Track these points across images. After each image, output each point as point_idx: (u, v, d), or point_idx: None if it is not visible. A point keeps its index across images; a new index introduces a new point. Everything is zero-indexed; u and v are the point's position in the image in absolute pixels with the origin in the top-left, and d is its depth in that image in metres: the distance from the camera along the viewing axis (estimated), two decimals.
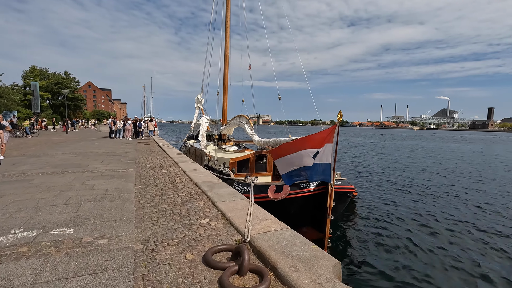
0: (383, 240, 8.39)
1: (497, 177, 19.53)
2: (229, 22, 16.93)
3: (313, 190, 7.91)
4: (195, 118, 23.28)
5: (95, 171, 8.00)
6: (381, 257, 7.37)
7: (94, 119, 61.49)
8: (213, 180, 6.72)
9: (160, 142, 18.69)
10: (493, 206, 12.17)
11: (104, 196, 5.40)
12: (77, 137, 23.37)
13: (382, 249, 7.79)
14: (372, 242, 8.27)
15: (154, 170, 8.36)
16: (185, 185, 6.33)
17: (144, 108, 73.96)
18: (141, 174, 7.75)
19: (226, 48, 17.02)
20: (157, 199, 5.26)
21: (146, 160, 10.51)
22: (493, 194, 14.47)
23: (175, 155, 11.58)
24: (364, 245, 8.08)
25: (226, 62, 17.06)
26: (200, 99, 21.98)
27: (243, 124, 14.22)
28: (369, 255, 7.44)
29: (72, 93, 55.66)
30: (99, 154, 12.16)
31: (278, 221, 3.98)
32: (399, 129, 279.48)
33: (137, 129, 23.11)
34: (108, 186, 6.25)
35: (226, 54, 17.05)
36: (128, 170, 8.36)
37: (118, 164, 9.38)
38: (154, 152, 13.42)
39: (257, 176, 12.05)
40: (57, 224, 3.90)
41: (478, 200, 13.08)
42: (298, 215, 8.17)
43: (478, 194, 14.37)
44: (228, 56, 17.07)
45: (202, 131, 17.90)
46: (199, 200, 5.18)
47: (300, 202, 7.92)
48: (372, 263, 6.95)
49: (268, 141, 11.62)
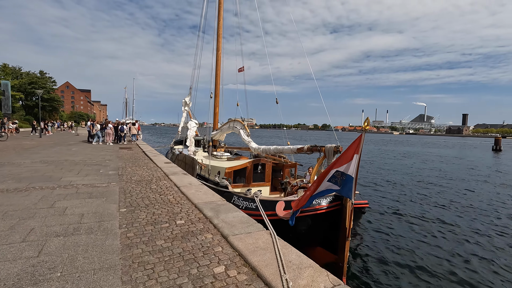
0: (404, 259, 7.52)
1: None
2: (221, 22, 15.88)
3: (327, 206, 6.95)
4: (182, 122, 21.94)
5: (69, 187, 6.65)
6: (408, 281, 6.49)
7: (72, 121, 58.27)
8: (215, 200, 5.59)
9: (144, 148, 17.22)
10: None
11: (78, 226, 4.16)
12: (51, 141, 21.37)
13: (408, 273, 6.90)
14: (393, 263, 7.38)
15: (141, 184, 7.11)
16: (183, 208, 5.16)
17: (126, 110, 71.22)
18: (125, 190, 6.49)
19: (218, 48, 15.93)
20: (149, 229, 4.08)
21: (131, 170, 9.19)
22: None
23: (164, 165, 10.30)
24: (385, 268, 7.17)
25: (218, 64, 15.96)
26: (187, 102, 20.72)
27: (237, 129, 13.14)
28: (394, 280, 6.54)
29: (47, 93, 52.43)
30: (75, 163, 10.67)
31: (321, 269, 2.94)
32: (380, 133, 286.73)
33: (119, 133, 21.45)
34: (84, 209, 4.98)
35: (218, 55, 15.95)
36: (109, 184, 7.06)
37: (98, 177, 8.03)
38: (139, 160, 12.05)
39: (254, 187, 11.00)
40: (5, 283, 2.67)
41: (501, 210, 12.63)
42: (307, 235, 7.17)
43: (498, 203, 13.98)
44: (220, 58, 15.99)
45: (190, 136, 16.71)
46: (205, 231, 4.04)
47: (312, 221, 6.93)
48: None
49: (267, 149, 10.59)
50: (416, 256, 7.87)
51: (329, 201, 7.09)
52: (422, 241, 9.02)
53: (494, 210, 13.00)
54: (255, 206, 7.59)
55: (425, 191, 16.84)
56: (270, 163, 11.26)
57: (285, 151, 9.62)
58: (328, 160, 7.55)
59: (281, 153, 10.10)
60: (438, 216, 11.70)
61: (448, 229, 10.19)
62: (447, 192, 16.73)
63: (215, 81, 16.16)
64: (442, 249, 8.42)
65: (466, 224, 10.87)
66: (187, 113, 22.13)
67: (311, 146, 8.33)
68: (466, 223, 10.94)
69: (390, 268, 7.20)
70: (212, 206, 5.12)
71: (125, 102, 72.03)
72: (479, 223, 10.98)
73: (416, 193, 16.03)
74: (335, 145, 7.42)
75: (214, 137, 15.73)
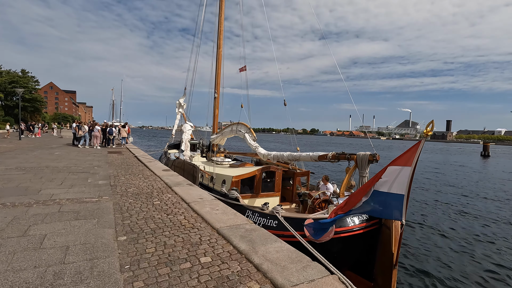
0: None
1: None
2: (223, 18, 14.75)
3: (365, 226, 5.87)
4: (176, 125, 20.59)
5: (50, 203, 5.31)
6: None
7: (56, 122, 55.51)
8: (241, 222, 4.40)
9: (136, 152, 15.78)
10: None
11: (61, 269, 2.89)
12: (32, 144, 19.56)
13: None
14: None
15: (140, 198, 5.83)
16: (202, 235, 3.95)
17: (113, 112, 68.76)
18: (122, 207, 5.22)
19: (219, 45, 14.78)
20: (165, 274, 2.86)
21: (125, 180, 7.86)
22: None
23: (163, 173, 9.00)
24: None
25: (218, 62, 14.80)
26: (182, 104, 19.45)
27: (242, 133, 11.98)
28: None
29: (29, 93, 49.77)
30: (58, 170, 9.23)
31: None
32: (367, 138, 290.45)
33: (107, 136, 19.86)
34: (70, 238, 3.71)
35: (219, 53, 14.79)
36: (101, 199, 5.75)
37: (86, 188, 6.69)
38: (132, 166, 10.68)
39: (263, 198, 9.85)
40: None
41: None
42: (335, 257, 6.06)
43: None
44: (221, 55, 14.84)
45: (185, 140, 15.47)
46: (246, 277, 2.85)
47: (346, 243, 5.83)
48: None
49: (280, 156, 9.46)
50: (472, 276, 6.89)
51: (364, 219, 6.02)
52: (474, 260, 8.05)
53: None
54: (275, 225, 6.43)
55: (453, 200, 15.95)
56: (280, 171, 10.15)
57: (302, 159, 8.52)
58: (361, 170, 6.49)
59: (297, 160, 9.00)
60: (486, 232, 10.75)
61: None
62: (478, 203, 15.81)
63: (216, 80, 14.97)
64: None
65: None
66: (181, 115, 20.86)
67: (337, 154, 7.26)
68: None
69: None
70: (240, 232, 3.93)
71: (112, 104, 69.59)
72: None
73: (445, 204, 15.08)
74: (371, 153, 6.38)
75: (213, 141, 14.48)
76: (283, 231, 6.16)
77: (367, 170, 6.43)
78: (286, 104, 12.39)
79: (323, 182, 9.93)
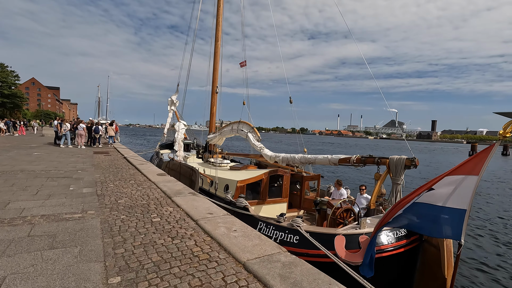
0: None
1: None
2: (222, 6, 13.63)
3: (405, 243, 4.98)
4: (168, 123, 19.34)
5: (18, 222, 4.15)
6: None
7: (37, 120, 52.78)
8: (271, 250, 3.38)
9: (125, 153, 14.48)
10: None
11: None
12: (9, 143, 17.89)
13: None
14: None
15: (135, 214, 4.73)
16: (224, 273, 2.92)
17: (99, 110, 66.30)
18: (112, 226, 4.12)
19: (218, 38, 13.67)
20: None
21: (114, 187, 6.70)
22: None
23: (158, 178, 7.87)
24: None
25: (217, 55, 13.70)
26: (174, 101, 18.24)
27: (244, 133, 10.94)
28: None
29: (8, 88, 47.06)
30: (35, 174, 7.96)
31: None
32: (356, 138, 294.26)
33: (93, 134, 18.41)
34: (39, 280, 2.61)
35: (217, 46, 13.68)
36: (85, 214, 4.62)
37: (67, 199, 5.52)
38: (122, 169, 9.48)
39: (270, 204, 8.87)
40: None
41: None
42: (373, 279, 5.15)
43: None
44: (220, 48, 13.73)
45: (178, 139, 14.32)
46: None
47: (385, 263, 4.91)
48: None
49: (291, 158, 8.50)
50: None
51: (403, 235, 5.13)
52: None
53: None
54: (297, 241, 5.46)
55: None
56: (288, 175, 9.19)
57: (318, 162, 7.58)
58: (395, 177, 5.60)
59: (311, 163, 8.03)
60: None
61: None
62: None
63: (213, 75, 13.86)
64: None
65: None
66: (174, 113, 19.64)
67: (363, 157, 6.34)
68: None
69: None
70: (277, 269, 2.91)
71: (98, 101, 67.05)
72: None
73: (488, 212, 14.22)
74: (408, 157, 5.48)
75: (211, 141, 13.38)
76: (307, 249, 5.20)
77: (402, 177, 5.54)
78: (292, 102, 11.42)
79: (336, 187, 9.04)
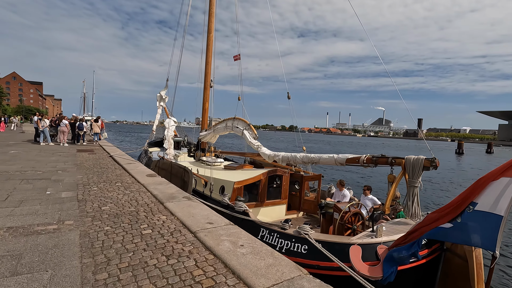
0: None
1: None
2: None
3: (427, 253, 4.49)
4: (157, 120, 18.48)
5: None
6: None
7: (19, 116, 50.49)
8: (289, 271, 2.78)
9: (111, 151, 13.60)
10: None
11: None
12: None
13: None
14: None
15: (122, 224, 4.06)
16: None
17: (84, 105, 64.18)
18: (93, 241, 3.44)
19: (210, 30, 12.93)
20: None
21: (98, 190, 5.97)
22: None
23: (147, 180, 7.15)
24: None
25: (209, 46, 12.96)
26: (163, 97, 17.41)
27: (239, 130, 10.30)
28: None
29: None
30: (8, 175, 7.11)
31: None
32: (344, 135, 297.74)
33: (77, 131, 17.36)
34: None
35: (210, 38, 12.95)
36: (61, 226, 3.91)
37: (42, 206, 4.78)
38: (107, 169, 8.70)
39: (268, 206, 8.31)
40: None
41: None
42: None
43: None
44: (213, 40, 13.00)
45: (168, 137, 13.59)
46: None
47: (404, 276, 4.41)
48: None
49: (291, 158, 7.93)
50: None
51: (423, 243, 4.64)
52: None
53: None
54: (305, 251, 4.91)
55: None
56: (287, 175, 8.64)
57: (323, 162, 7.03)
58: (411, 179, 5.10)
59: (315, 163, 7.46)
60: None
61: None
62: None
63: (205, 70, 13.12)
64: None
65: None
66: (163, 110, 18.79)
67: (375, 157, 5.83)
68: None
69: None
70: None
71: (83, 97, 64.85)
72: None
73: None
74: (426, 158, 4.98)
75: (203, 139, 12.67)
76: (317, 261, 4.66)
77: (420, 179, 5.05)
78: (290, 97, 10.84)
79: (338, 187, 8.55)
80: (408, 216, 5.06)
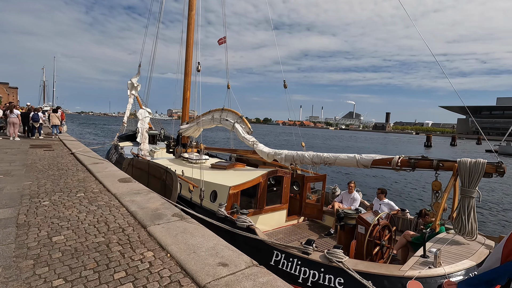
0: None
1: None
2: None
3: None
4: (128, 111, 16.41)
5: None
6: None
7: None
8: None
9: (73, 147, 11.54)
10: None
11: None
12: None
13: None
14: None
15: (83, 273, 2.59)
16: None
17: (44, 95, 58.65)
18: None
19: (192, 8, 11.19)
20: None
21: (50, 206, 4.33)
22: None
23: (121, 188, 5.55)
24: None
25: (190, 25, 11.26)
26: (135, 84, 15.44)
27: (230, 123, 8.85)
28: None
29: None
30: None
31: None
32: (317, 128, 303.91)
33: (31, 123, 14.87)
34: None
35: (191, 16, 11.23)
36: None
37: None
38: (66, 172, 6.92)
39: (268, 213, 7.07)
40: None
41: None
42: None
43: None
44: (194, 20, 11.30)
45: (142, 130, 11.91)
46: None
47: None
48: None
49: (298, 157, 6.70)
50: None
51: None
52: None
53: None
54: (341, 285, 3.71)
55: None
56: (288, 176, 7.45)
57: (340, 163, 5.84)
58: (467, 188, 4.06)
59: (329, 165, 6.23)
60: None
61: None
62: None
63: (186, 55, 11.42)
64: None
65: None
66: (135, 99, 16.76)
67: (413, 159, 4.73)
68: None
69: None
70: None
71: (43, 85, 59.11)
72: None
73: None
74: (489, 162, 3.94)
75: (184, 133, 11.03)
76: None
77: (477, 188, 4.03)
78: (286, 86, 9.56)
79: (348, 189, 7.52)
80: (463, 234, 4.04)
